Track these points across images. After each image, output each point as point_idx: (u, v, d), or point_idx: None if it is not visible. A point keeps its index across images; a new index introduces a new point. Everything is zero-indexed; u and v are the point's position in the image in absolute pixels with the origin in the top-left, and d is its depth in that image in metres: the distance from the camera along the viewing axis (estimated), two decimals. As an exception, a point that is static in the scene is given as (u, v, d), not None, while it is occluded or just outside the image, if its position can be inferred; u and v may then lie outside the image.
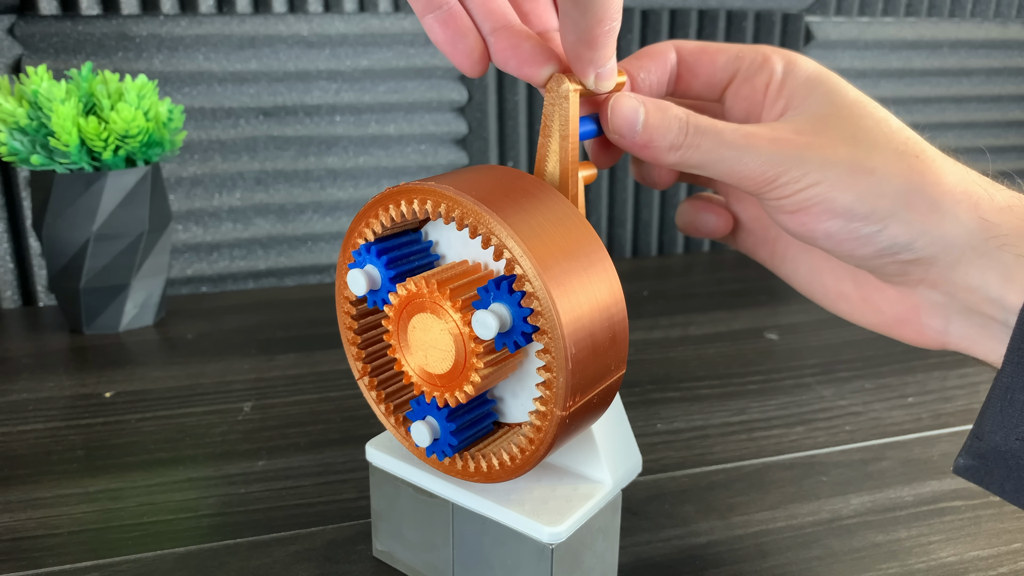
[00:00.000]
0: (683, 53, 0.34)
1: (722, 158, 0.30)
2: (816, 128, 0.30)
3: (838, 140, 0.30)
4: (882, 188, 0.29)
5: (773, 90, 0.33)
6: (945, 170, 0.29)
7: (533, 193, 0.25)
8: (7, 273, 0.64)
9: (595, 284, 0.25)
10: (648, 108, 0.30)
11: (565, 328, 0.23)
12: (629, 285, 0.71)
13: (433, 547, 0.30)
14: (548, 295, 0.23)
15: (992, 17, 0.86)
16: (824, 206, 0.29)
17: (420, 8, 0.28)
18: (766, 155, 0.29)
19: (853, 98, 0.31)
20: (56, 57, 0.61)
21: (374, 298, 0.27)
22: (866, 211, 0.29)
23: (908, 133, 0.31)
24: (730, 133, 0.30)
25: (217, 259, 0.70)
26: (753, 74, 0.34)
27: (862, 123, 0.30)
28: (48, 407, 0.46)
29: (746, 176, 0.30)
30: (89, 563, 0.32)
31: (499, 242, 0.24)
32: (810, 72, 0.32)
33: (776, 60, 0.33)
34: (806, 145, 0.29)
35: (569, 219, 0.25)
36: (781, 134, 0.30)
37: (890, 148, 0.30)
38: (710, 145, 0.30)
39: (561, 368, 0.23)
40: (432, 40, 0.28)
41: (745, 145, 0.29)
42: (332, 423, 0.44)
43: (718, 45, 0.35)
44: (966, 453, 0.29)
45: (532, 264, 0.23)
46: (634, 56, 0.34)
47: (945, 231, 0.29)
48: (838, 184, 0.29)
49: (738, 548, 0.34)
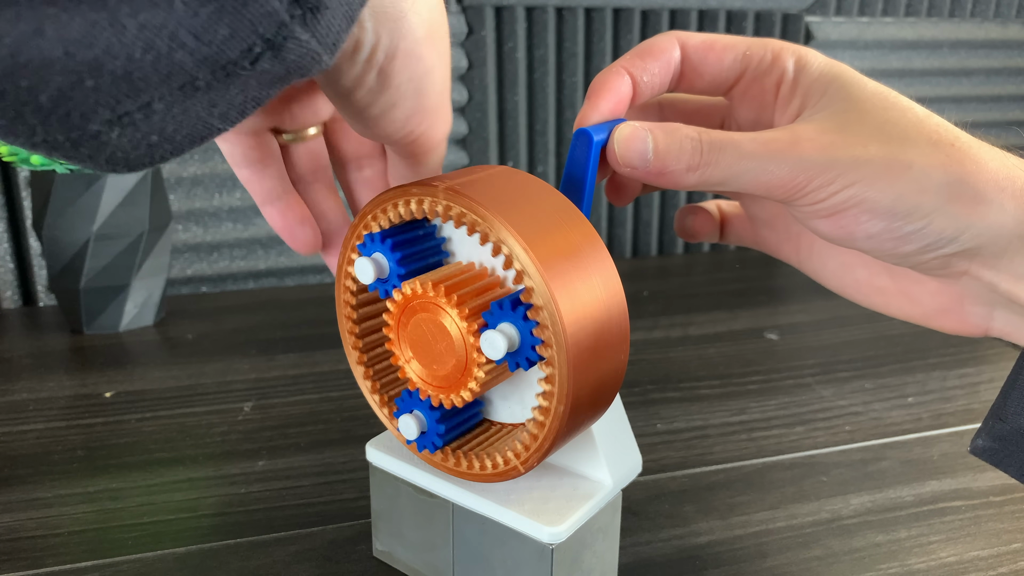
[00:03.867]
0: (688, 50, 0.32)
1: (745, 170, 0.28)
2: (840, 126, 0.28)
3: (867, 136, 0.28)
4: (922, 183, 0.27)
5: (786, 90, 0.31)
6: (984, 156, 0.28)
7: (533, 192, 0.25)
8: (7, 273, 0.64)
9: (596, 283, 0.25)
10: (655, 134, 0.29)
11: (566, 327, 0.23)
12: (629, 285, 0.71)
13: (433, 547, 0.30)
14: (549, 293, 0.23)
15: (992, 17, 0.86)
16: (863, 207, 0.28)
17: (260, 199, 0.31)
18: (792, 161, 0.28)
19: (872, 90, 0.30)
20: (56, 57, 0.61)
21: (382, 287, 0.27)
22: (909, 208, 0.27)
23: (937, 120, 0.29)
24: (748, 143, 0.28)
25: (217, 259, 0.70)
26: (763, 73, 0.32)
27: (888, 115, 0.29)
28: (48, 407, 0.46)
29: (774, 186, 0.28)
30: (89, 563, 0.32)
31: (498, 240, 0.24)
32: (823, 67, 0.31)
33: (787, 57, 0.31)
34: (833, 145, 0.28)
35: (570, 219, 0.25)
36: (804, 136, 0.28)
37: (923, 139, 0.28)
38: (730, 159, 0.28)
39: (562, 367, 0.23)
40: (272, 226, 0.31)
41: (767, 153, 0.28)
42: (332, 423, 0.44)
43: (725, 40, 0.33)
44: (986, 435, 0.28)
45: (532, 262, 0.23)
46: (635, 54, 0.31)
47: (991, 222, 0.27)
48: (875, 182, 0.27)
49: (738, 548, 0.34)
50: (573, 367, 0.23)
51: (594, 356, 0.24)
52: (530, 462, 0.26)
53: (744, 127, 0.34)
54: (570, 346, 0.23)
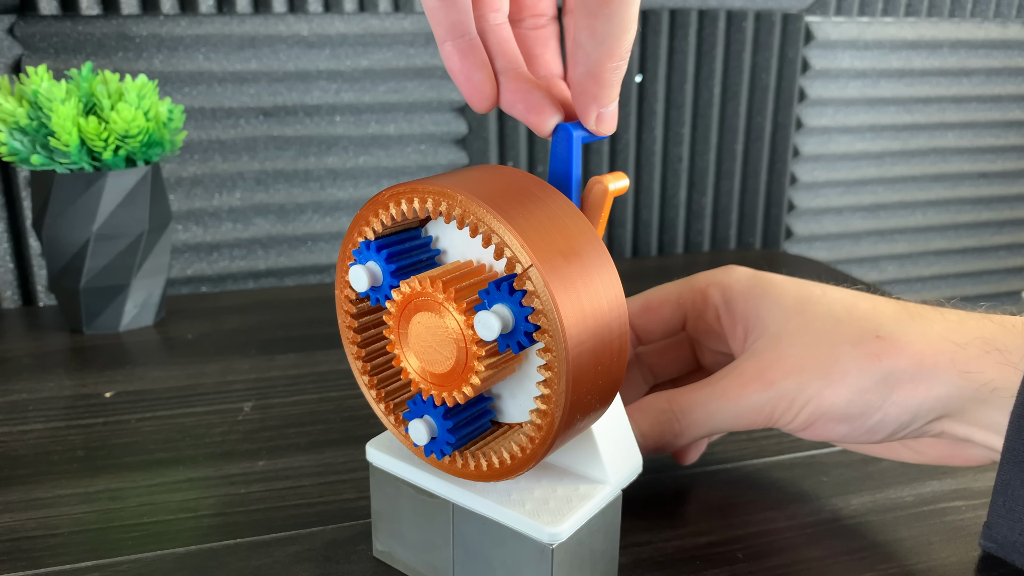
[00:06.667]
0: (631, 317, 0.37)
1: (720, 420, 0.32)
2: (779, 353, 0.32)
3: (803, 356, 0.31)
4: (862, 384, 0.30)
5: (725, 320, 0.35)
6: (908, 339, 0.30)
7: (533, 192, 0.25)
8: (7, 273, 0.64)
9: (596, 283, 0.25)
10: (636, 419, 0.33)
11: (567, 327, 0.23)
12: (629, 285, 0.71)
13: (433, 547, 0.30)
14: (549, 293, 0.23)
15: (992, 17, 0.86)
16: (826, 417, 0.31)
17: (442, 33, 0.27)
18: (751, 400, 0.31)
19: (794, 300, 0.33)
20: (56, 57, 0.61)
21: (376, 295, 0.27)
22: (861, 408, 0.30)
23: (858, 312, 0.32)
24: (712, 398, 0.32)
25: (217, 259, 0.70)
26: (700, 313, 0.36)
27: (814, 326, 0.32)
28: (48, 407, 0.46)
29: (747, 423, 0.32)
30: (89, 563, 0.32)
31: (499, 240, 0.24)
32: (746, 291, 0.34)
33: (712, 293, 0.35)
34: (778, 375, 0.31)
35: (570, 218, 0.25)
36: (751, 376, 0.32)
37: (848, 343, 0.31)
38: (703, 416, 0.32)
39: (562, 367, 0.23)
40: (447, 68, 0.28)
41: (732, 399, 0.32)
42: (332, 423, 0.44)
43: (659, 296, 0.37)
44: (984, 539, 0.31)
45: (533, 261, 0.23)
46: None
47: (940, 393, 0.30)
48: (824, 397, 0.31)
49: (738, 548, 0.34)
50: (573, 367, 0.23)
51: (594, 356, 0.24)
52: (530, 462, 0.26)
53: (713, 353, 0.38)
54: (570, 346, 0.23)
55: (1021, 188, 0.95)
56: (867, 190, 0.89)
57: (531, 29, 0.30)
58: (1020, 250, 0.98)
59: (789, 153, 0.82)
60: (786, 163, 0.83)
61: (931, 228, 0.93)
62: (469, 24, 0.27)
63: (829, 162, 0.86)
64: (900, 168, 0.89)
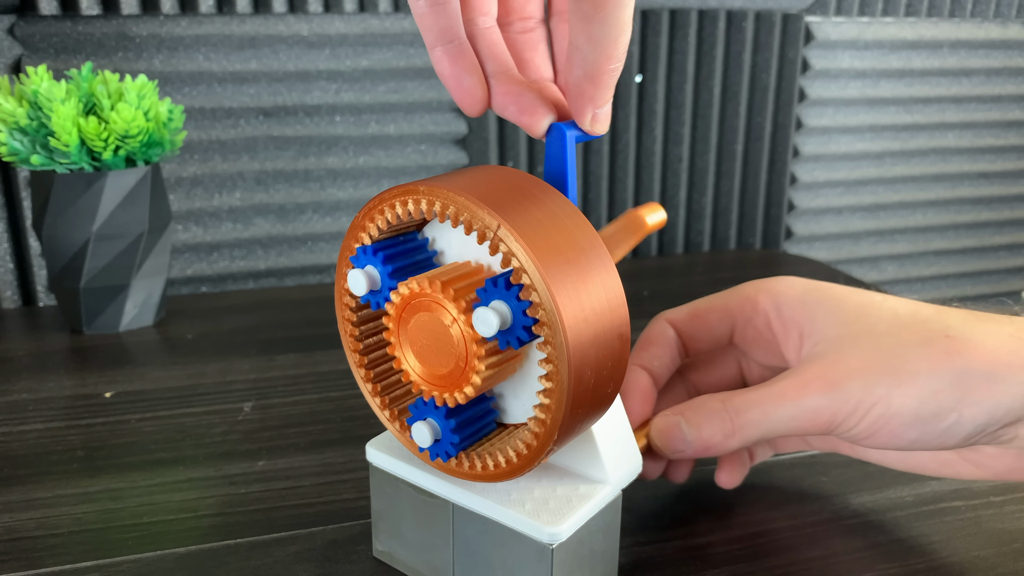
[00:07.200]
0: (678, 325, 0.36)
1: (776, 421, 0.30)
2: (841, 355, 0.30)
3: (869, 357, 0.30)
4: (934, 384, 0.29)
5: (777, 326, 0.34)
6: (979, 337, 0.29)
7: (532, 192, 0.25)
8: (7, 273, 0.64)
9: (595, 279, 0.25)
10: (686, 415, 0.32)
11: (567, 326, 0.23)
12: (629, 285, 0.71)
13: (433, 547, 0.30)
14: (546, 285, 0.23)
15: (992, 17, 0.86)
16: (895, 421, 0.29)
17: (432, 39, 0.27)
18: (812, 402, 0.30)
19: (854, 305, 0.32)
20: (56, 57, 0.61)
21: (375, 299, 0.27)
22: (934, 411, 0.29)
23: (922, 316, 0.31)
24: (770, 398, 0.30)
25: (217, 259, 0.70)
26: (749, 320, 0.35)
27: (878, 328, 0.30)
28: (48, 407, 0.46)
29: (806, 428, 0.30)
30: (89, 563, 0.32)
31: (495, 237, 0.24)
32: (801, 297, 0.33)
33: (763, 300, 0.34)
34: (843, 377, 0.30)
35: (569, 217, 0.25)
36: (812, 376, 0.30)
37: (917, 342, 0.29)
38: (758, 416, 0.31)
39: (563, 358, 0.23)
40: (438, 73, 0.28)
41: (790, 399, 0.30)
42: (332, 423, 0.44)
43: (705, 304, 0.36)
44: None
45: (531, 260, 0.23)
46: (640, 348, 0.36)
47: (1016, 393, 0.28)
48: (894, 398, 0.29)
49: (738, 548, 0.34)
50: (574, 356, 0.23)
51: (594, 348, 0.24)
52: (533, 461, 0.26)
53: (759, 363, 0.37)
54: (570, 346, 0.23)
55: (1021, 188, 0.95)
56: (867, 190, 0.89)
57: (520, 33, 0.30)
58: (1020, 250, 0.98)
59: (789, 153, 0.82)
60: (786, 163, 0.83)
61: (931, 228, 0.93)
62: (458, 29, 0.27)
63: (829, 162, 0.86)
64: (900, 168, 0.89)
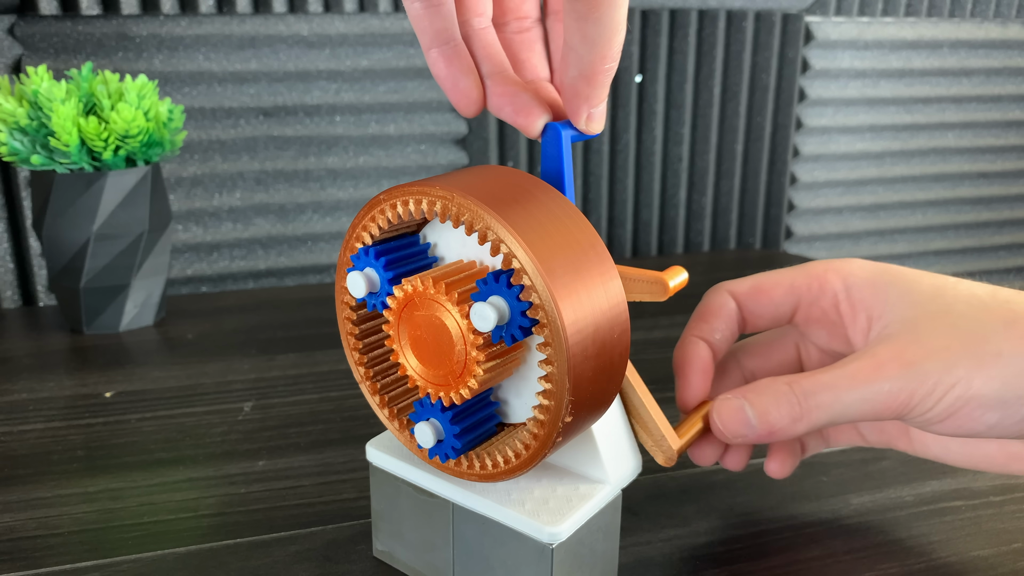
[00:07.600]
0: (740, 298, 0.35)
1: (845, 407, 0.29)
2: (917, 335, 0.29)
3: (947, 337, 0.29)
4: (1017, 365, 0.28)
5: (845, 307, 0.33)
6: None
7: (532, 191, 0.25)
8: (7, 273, 0.64)
9: (595, 278, 0.25)
10: (750, 398, 0.30)
11: (566, 326, 0.23)
12: (629, 285, 0.71)
13: (433, 547, 0.30)
14: (548, 291, 0.23)
15: (992, 17, 0.86)
16: (974, 404, 0.28)
17: (427, 41, 0.27)
18: (887, 384, 0.29)
19: (929, 287, 0.31)
20: (56, 57, 0.61)
21: (373, 301, 0.27)
22: (1017, 393, 0.28)
23: (1002, 297, 0.30)
24: (842, 380, 0.29)
25: (217, 259, 0.70)
26: (815, 299, 0.33)
27: (955, 308, 0.30)
28: (48, 407, 0.46)
29: (879, 411, 0.29)
30: (89, 563, 0.32)
31: (495, 236, 0.24)
32: (872, 278, 0.32)
33: (832, 279, 0.33)
34: (919, 357, 0.29)
35: (569, 217, 0.25)
36: (886, 357, 0.29)
37: (998, 322, 0.29)
38: (829, 399, 0.29)
39: (562, 357, 0.23)
40: (434, 74, 0.28)
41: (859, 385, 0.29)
42: (332, 423, 0.44)
43: (770, 279, 0.35)
44: None
45: (531, 259, 0.23)
46: (698, 318, 0.34)
47: None
48: (975, 379, 0.28)
49: (738, 548, 0.34)
50: (572, 355, 0.23)
51: (594, 346, 0.24)
52: (533, 460, 0.26)
53: (819, 347, 0.35)
54: (570, 346, 0.23)
55: (1021, 188, 0.95)
56: (867, 190, 0.89)
57: (515, 33, 0.30)
58: (1020, 250, 0.98)
59: (789, 153, 0.83)
60: (786, 163, 0.83)
61: (931, 228, 0.93)
62: (454, 30, 0.27)
63: (829, 162, 0.86)
64: (900, 168, 0.89)
